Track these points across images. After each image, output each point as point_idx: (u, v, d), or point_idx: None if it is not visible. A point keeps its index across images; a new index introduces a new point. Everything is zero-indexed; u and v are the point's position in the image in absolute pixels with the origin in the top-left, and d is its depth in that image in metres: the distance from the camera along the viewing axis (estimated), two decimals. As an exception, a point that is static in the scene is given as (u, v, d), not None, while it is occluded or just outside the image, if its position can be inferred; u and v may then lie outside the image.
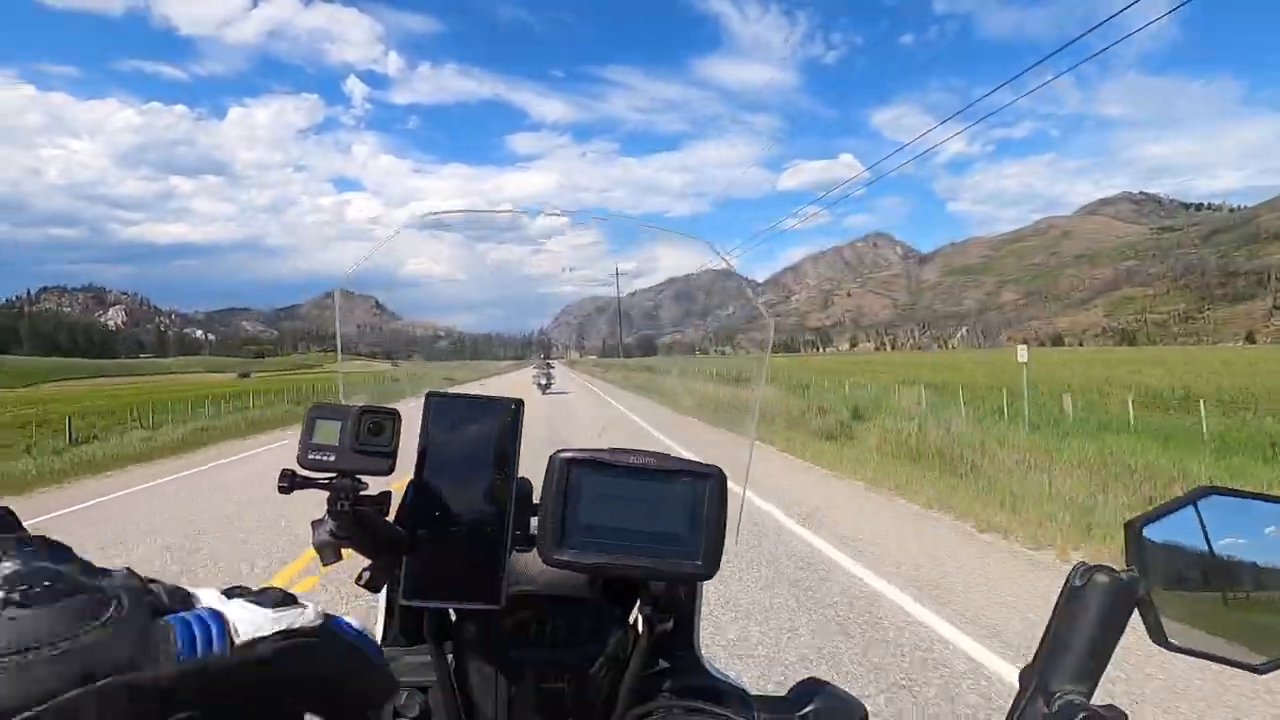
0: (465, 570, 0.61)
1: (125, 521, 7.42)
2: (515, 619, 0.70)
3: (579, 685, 0.71)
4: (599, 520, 0.61)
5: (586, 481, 0.61)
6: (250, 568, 5.46)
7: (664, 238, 0.72)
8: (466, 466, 0.62)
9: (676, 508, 0.62)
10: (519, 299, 65.44)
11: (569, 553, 0.60)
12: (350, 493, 0.57)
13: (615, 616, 0.74)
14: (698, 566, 0.61)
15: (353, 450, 0.57)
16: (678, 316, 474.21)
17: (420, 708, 0.69)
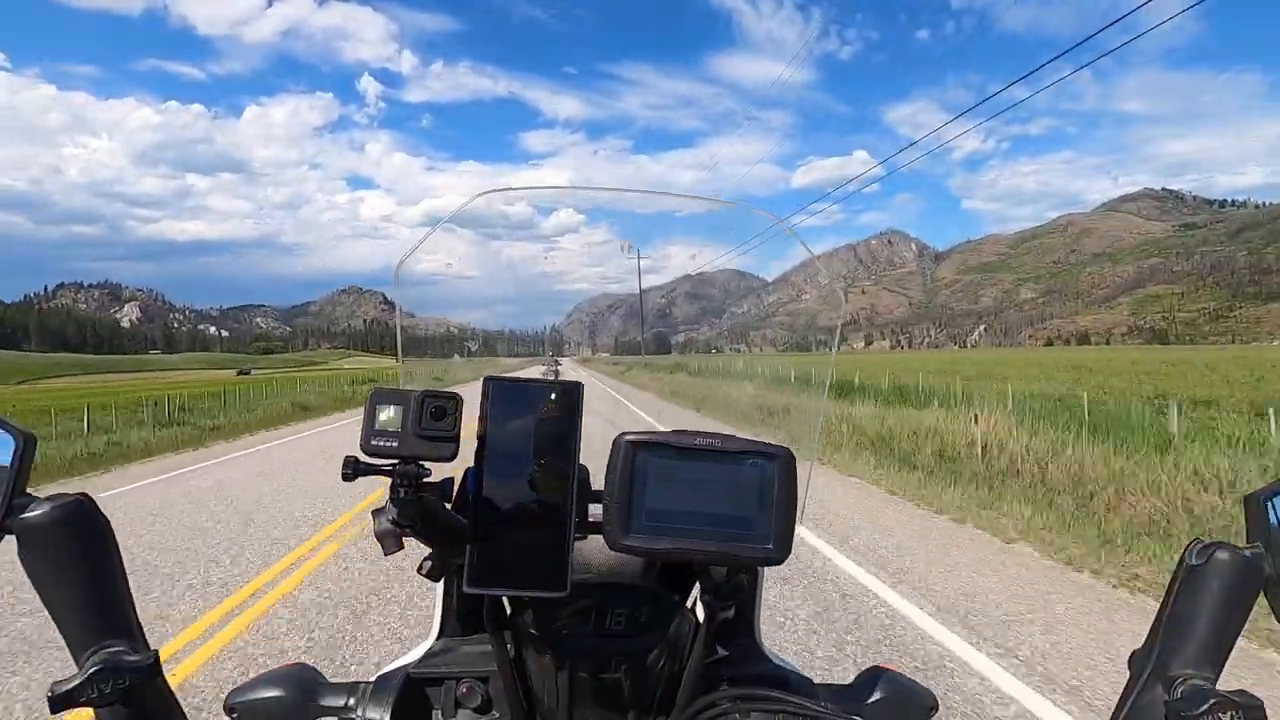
0: (530, 558, 0.60)
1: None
2: (574, 607, 0.69)
3: (638, 674, 0.70)
4: (666, 504, 0.59)
5: (653, 465, 0.60)
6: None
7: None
8: (527, 452, 0.61)
9: (745, 490, 0.60)
10: (532, 296, 62.03)
11: (636, 538, 0.59)
12: (414, 479, 0.57)
13: (674, 604, 0.72)
14: (769, 550, 0.59)
15: (415, 435, 0.56)
16: (692, 314, 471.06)
17: (482, 697, 0.69)
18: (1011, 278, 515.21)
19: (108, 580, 0.47)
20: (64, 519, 0.46)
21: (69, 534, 0.46)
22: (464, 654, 0.75)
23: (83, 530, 0.46)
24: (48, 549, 0.45)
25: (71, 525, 0.46)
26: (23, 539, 0.45)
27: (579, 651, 0.69)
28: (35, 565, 0.46)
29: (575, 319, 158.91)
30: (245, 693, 0.67)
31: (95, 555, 0.47)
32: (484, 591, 0.61)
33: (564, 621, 0.69)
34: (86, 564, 0.46)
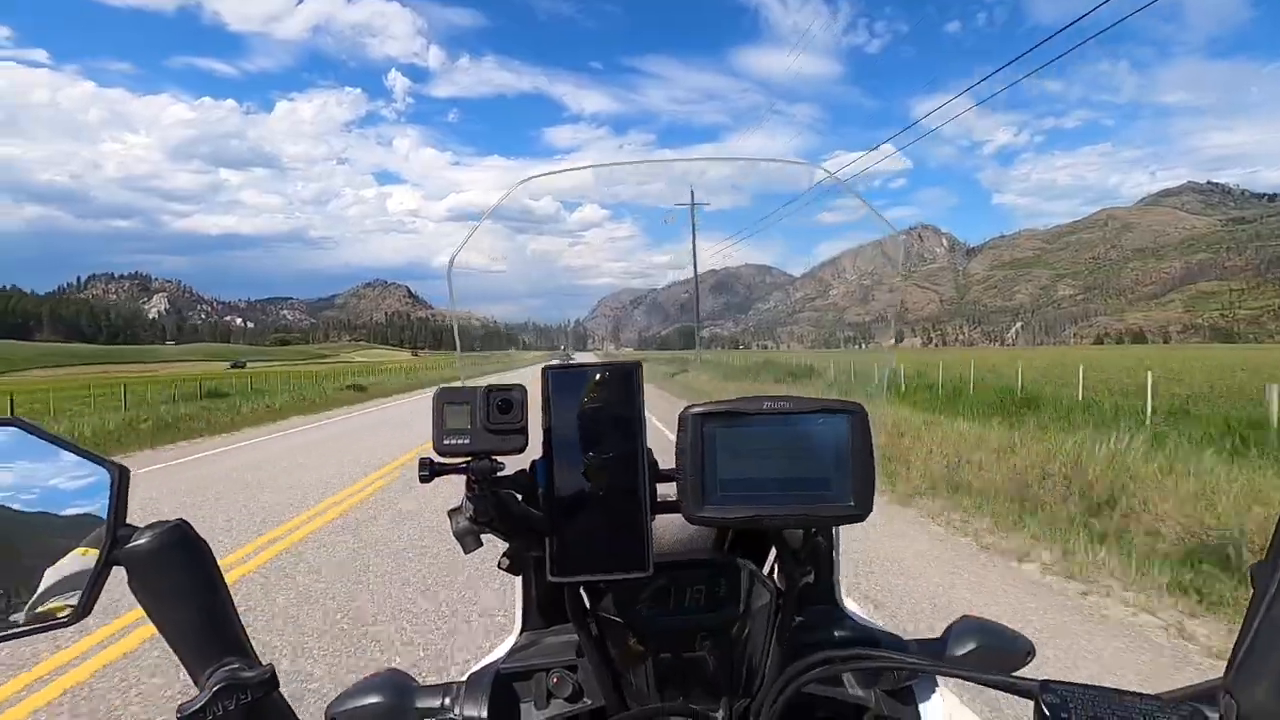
0: (610, 542, 0.60)
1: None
2: (652, 588, 0.69)
3: (723, 648, 0.70)
4: (739, 473, 0.59)
5: (720, 435, 0.60)
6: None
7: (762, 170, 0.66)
8: (593, 436, 0.61)
9: (818, 450, 0.60)
10: (557, 290, 59.87)
11: (713, 509, 0.59)
12: (488, 475, 0.57)
13: (751, 574, 0.71)
14: (850, 508, 0.59)
15: (485, 431, 0.57)
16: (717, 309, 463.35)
17: (573, 686, 0.69)
18: (1048, 274, 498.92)
19: (215, 600, 0.49)
20: (167, 545, 0.47)
21: (173, 559, 0.47)
22: (550, 645, 0.75)
23: (186, 554, 0.47)
24: (155, 576, 0.46)
25: (175, 550, 0.47)
26: (131, 569, 0.46)
27: (661, 632, 0.69)
28: (145, 593, 0.47)
29: (600, 313, 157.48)
30: (344, 702, 0.68)
31: (200, 577, 0.48)
32: (568, 580, 0.61)
33: (643, 604, 0.69)
34: (193, 586, 0.48)
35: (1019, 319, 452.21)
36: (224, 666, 0.47)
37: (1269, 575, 0.46)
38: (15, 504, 0.45)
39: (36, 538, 0.46)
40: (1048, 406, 12.25)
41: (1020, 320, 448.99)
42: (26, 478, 0.46)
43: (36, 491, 0.46)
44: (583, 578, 0.63)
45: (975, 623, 0.72)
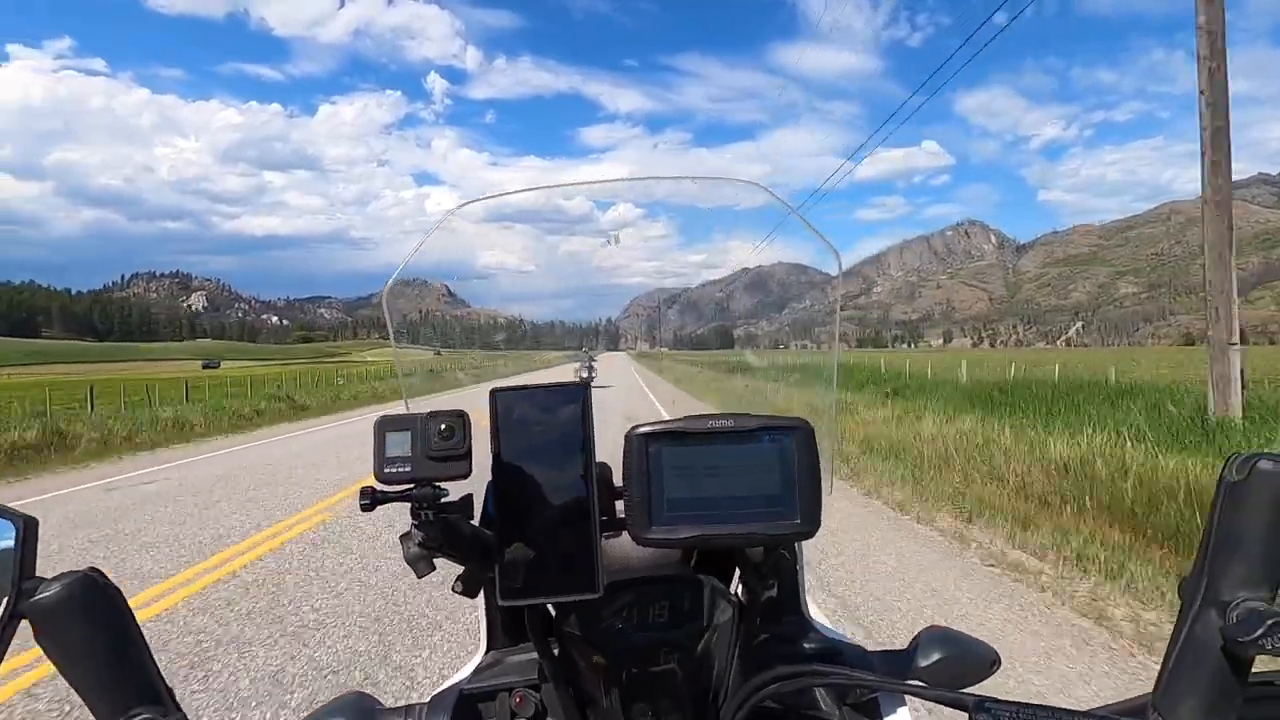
0: (559, 564, 0.59)
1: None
2: (615, 605, 0.69)
3: (689, 663, 0.71)
4: (686, 493, 0.60)
5: (667, 454, 0.60)
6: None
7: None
8: (542, 458, 0.60)
9: (765, 468, 0.60)
10: (588, 290, 56.05)
11: (661, 530, 0.59)
12: (432, 501, 0.57)
13: (716, 589, 0.72)
14: (797, 525, 0.59)
15: (427, 458, 0.57)
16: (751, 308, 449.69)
17: (536, 706, 0.69)
18: (1106, 271, 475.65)
19: (129, 649, 0.48)
20: (76, 596, 0.46)
21: (83, 610, 0.46)
22: (514, 664, 0.75)
23: (96, 604, 0.46)
24: (64, 629, 0.45)
25: (84, 600, 0.46)
26: (37, 622, 0.45)
27: (626, 648, 0.69)
28: (54, 645, 0.46)
29: (632, 312, 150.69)
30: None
31: (113, 627, 0.47)
32: (517, 603, 0.61)
33: (607, 620, 0.70)
34: (105, 637, 0.47)
35: (1079, 318, 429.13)
36: (135, 717, 0.46)
37: (1193, 592, 0.47)
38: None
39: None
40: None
41: (1080, 319, 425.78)
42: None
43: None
44: (531, 600, 0.62)
45: (940, 633, 0.73)
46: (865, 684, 0.61)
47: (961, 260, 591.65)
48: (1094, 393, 11.97)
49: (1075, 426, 8.59)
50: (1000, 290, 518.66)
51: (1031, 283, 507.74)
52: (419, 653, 3.43)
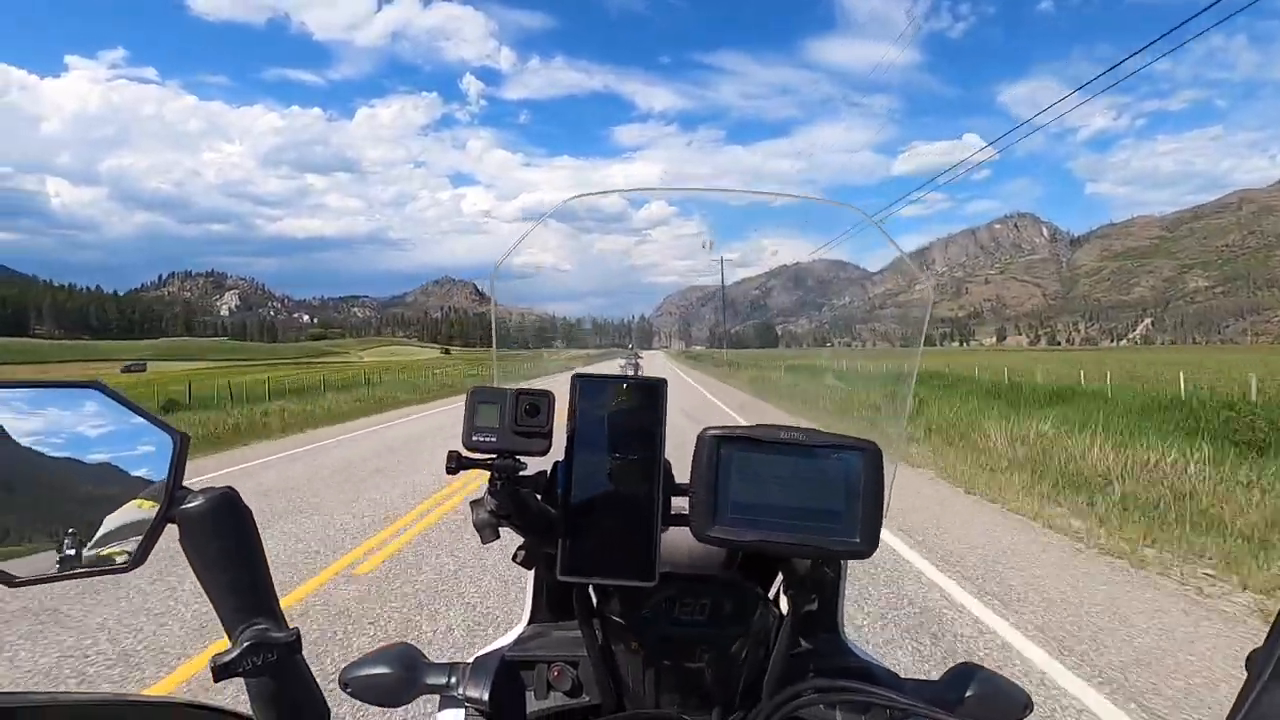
0: (619, 548, 0.63)
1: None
2: (659, 597, 0.72)
3: (721, 663, 0.72)
4: (751, 497, 0.61)
5: (737, 458, 0.62)
6: None
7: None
8: (614, 446, 0.64)
9: (831, 484, 0.61)
10: (622, 289, 53.54)
11: (722, 529, 0.61)
12: (510, 472, 0.60)
13: (757, 596, 0.74)
14: (856, 544, 0.60)
15: (512, 431, 0.60)
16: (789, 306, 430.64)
17: (572, 681, 0.73)
18: (1172, 264, 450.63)
19: (254, 564, 0.52)
20: (217, 509, 0.51)
21: (221, 522, 0.51)
22: (555, 639, 0.78)
23: (232, 519, 0.51)
24: (204, 536, 0.50)
25: (223, 514, 0.51)
26: (183, 527, 0.51)
27: (663, 639, 0.72)
28: (194, 550, 0.51)
29: (665, 310, 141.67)
30: (356, 669, 0.72)
31: (243, 541, 0.52)
32: (575, 580, 0.64)
33: (648, 610, 0.72)
34: (236, 549, 0.51)
35: (1147, 314, 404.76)
36: (254, 626, 0.51)
37: (1264, 665, 0.47)
38: (89, 458, 0.50)
39: (105, 490, 0.51)
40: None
41: (1149, 316, 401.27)
42: (102, 436, 0.51)
43: (109, 449, 0.51)
44: (588, 579, 0.66)
45: (974, 670, 0.73)
46: (906, 708, 0.61)
47: (1011, 254, 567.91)
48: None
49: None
50: (1054, 285, 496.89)
51: (1088, 277, 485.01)
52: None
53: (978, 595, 4.22)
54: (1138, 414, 11.41)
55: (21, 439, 0.48)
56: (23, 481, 0.50)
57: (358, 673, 0.72)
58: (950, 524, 6.05)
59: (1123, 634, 3.66)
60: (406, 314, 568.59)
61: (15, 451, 0.48)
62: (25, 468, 0.49)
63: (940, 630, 3.68)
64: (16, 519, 0.49)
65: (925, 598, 4.18)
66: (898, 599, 4.14)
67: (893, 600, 4.12)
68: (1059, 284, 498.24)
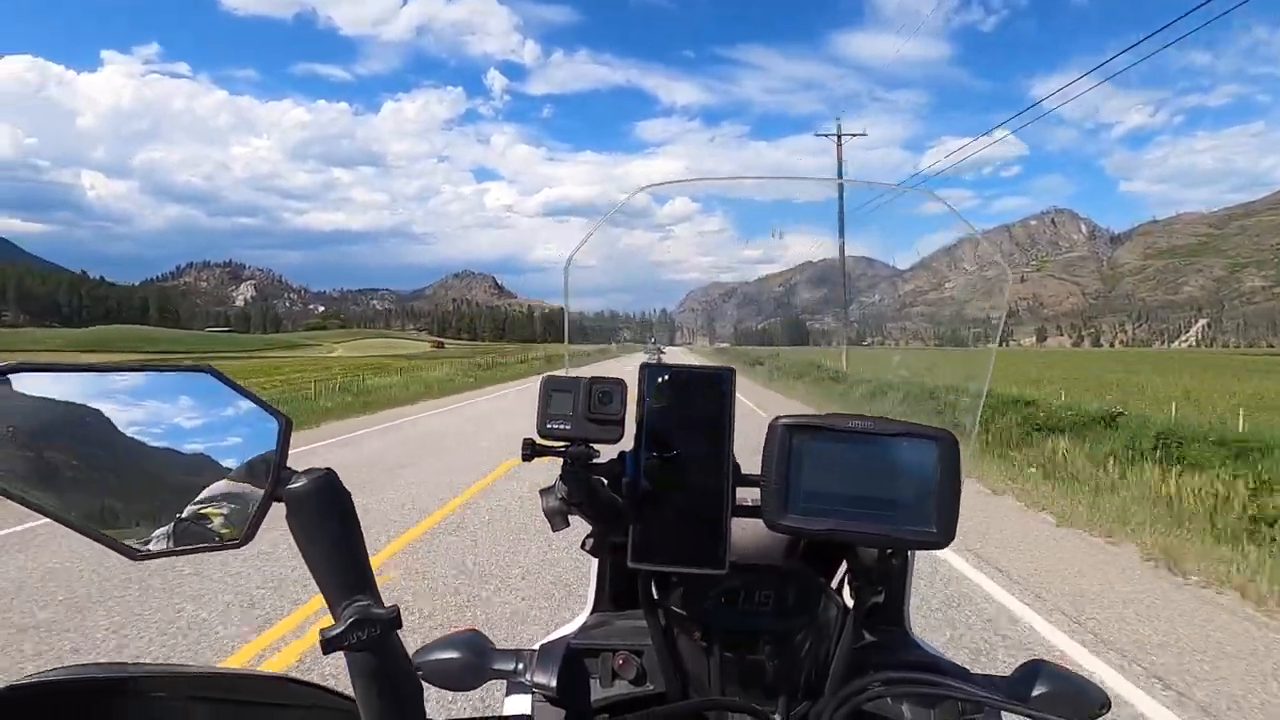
0: (690, 536, 0.64)
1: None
2: (723, 587, 0.72)
3: (785, 655, 0.73)
4: (823, 486, 0.61)
5: (808, 447, 0.62)
6: None
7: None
8: (683, 435, 0.64)
9: (904, 473, 0.61)
10: (645, 285, 50.84)
11: (795, 518, 0.61)
12: (584, 460, 0.61)
13: (820, 587, 0.74)
14: (931, 534, 0.60)
15: (586, 419, 0.61)
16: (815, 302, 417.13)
17: (637, 669, 0.74)
18: (1223, 263, 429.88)
19: (354, 542, 0.54)
20: (320, 489, 0.53)
21: (324, 501, 0.53)
22: (619, 628, 0.79)
23: (333, 499, 0.53)
24: (308, 514, 0.52)
25: (325, 494, 0.53)
26: (290, 506, 0.52)
27: (727, 630, 0.72)
28: (299, 528, 0.53)
29: (688, 306, 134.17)
30: (427, 654, 0.74)
31: (344, 520, 0.54)
32: (646, 567, 0.65)
33: (712, 601, 0.72)
34: (337, 528, 0.53)
35: (1201, 315, 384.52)
36: (357, 602, 0.53)
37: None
38: (201, 439, 0.53)
39: (214, 470, 0.54)
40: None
41: (1205, 317, 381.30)
42: (213, 417, 0.54)
43: (220, 429, 0.54)
44: (660, 567, 0.66)
45: (1046, 666, 0.72)
46: (982, 700, 0.61)
47: (1048, 251, 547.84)
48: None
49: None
50: (1095, 284, 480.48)
51: (1131, 276, 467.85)
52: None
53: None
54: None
55: (138, 419, 0.52)
56: (140, 460, 0.52)
57: (428, 657, 0.74)
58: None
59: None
60: (423, 307, 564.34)
61: (133, 431, 0.51)
62: (143, 447, 0.52)
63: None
64: (135, 496, 0.52)
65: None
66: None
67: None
68: (1100, 282, 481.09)
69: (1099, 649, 3.59)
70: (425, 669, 0.74)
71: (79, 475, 0.50)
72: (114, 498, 0.52)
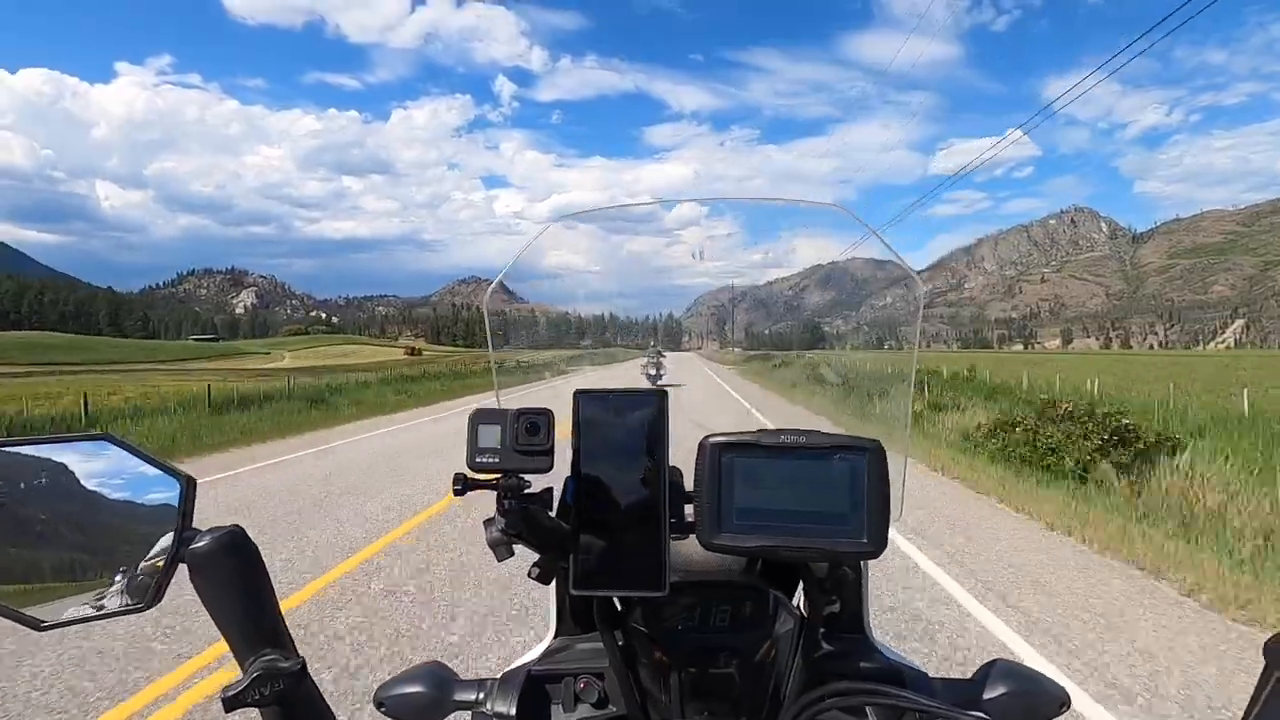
0: (629, 560, 0.65)
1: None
2: (680, 605, 0.73)
3: (746, 669, 0.74)
4: (756, 503, 0.63)
5: (739, 465, 0.63)
6: None
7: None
8: (619, 458, 0.66)
9: (835, 485, 0.63)
10: (653, 290, 50.55)
11: (727, 537, 0.63)
12: (515, 491, 0.63)
13: (778, 600, 0.75)
14: (863, 545, 0.62)
15: (514, 450, 0.63)
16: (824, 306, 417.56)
17: (599, 693, 0.75)
18: (1253, 261, 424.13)
19: (261, 597, 0.56)
20: (224, 547, 0.54)
21: (228, 559, 0.54)
22: (580, 651, 0.81)
23: (239, 555, 0.55)
24: (212, 573, 0.54)
25: (230, 552, 0.55)
26: (193, 566, 0.54)
27: (686, 648, 0.73)
28: (204, 588, 0.54)
29: (696, 311, 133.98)
30: (390, 689, 0.76)
31: (250, 576, 0.55)
32: (588, 593, 0.66)
33: (670, 619, 0.74)
34: (243, 584, 0.55)
35: (1237, 315, 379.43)
36: (263, 657, 0.54)
37: (1278, 652, 0.47)
38: (103, 506, 0.55)
39: (118, 536, 0.56)
40: None
41: (1241, 316, 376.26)
42: (114, 484, 0.55)
43: (121, 496, 0.56)
44: (601, 592, 0.68)
45: (1007, 666, 0.73)
46: (928, 710, 0.62)
47: (1068, 251, 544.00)
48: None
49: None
50: (1118, 284, 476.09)
51: (1156, 275, 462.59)
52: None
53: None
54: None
55: (44, 494, 0.54)
56: (46, 532, 0.53)
57: (391, 692, 0.75)
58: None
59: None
60: (425, 313, 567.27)
61: (36, 503, 0.54)
62: (48, 520, 0.54)
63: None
64: (39, 566, 0.53)
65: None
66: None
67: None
68: (1124, 282, 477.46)
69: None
70: (388, 704, 0.75)
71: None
72: (19, 571, 0.53)
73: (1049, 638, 3.76)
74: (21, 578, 0.52)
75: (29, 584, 0.52)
